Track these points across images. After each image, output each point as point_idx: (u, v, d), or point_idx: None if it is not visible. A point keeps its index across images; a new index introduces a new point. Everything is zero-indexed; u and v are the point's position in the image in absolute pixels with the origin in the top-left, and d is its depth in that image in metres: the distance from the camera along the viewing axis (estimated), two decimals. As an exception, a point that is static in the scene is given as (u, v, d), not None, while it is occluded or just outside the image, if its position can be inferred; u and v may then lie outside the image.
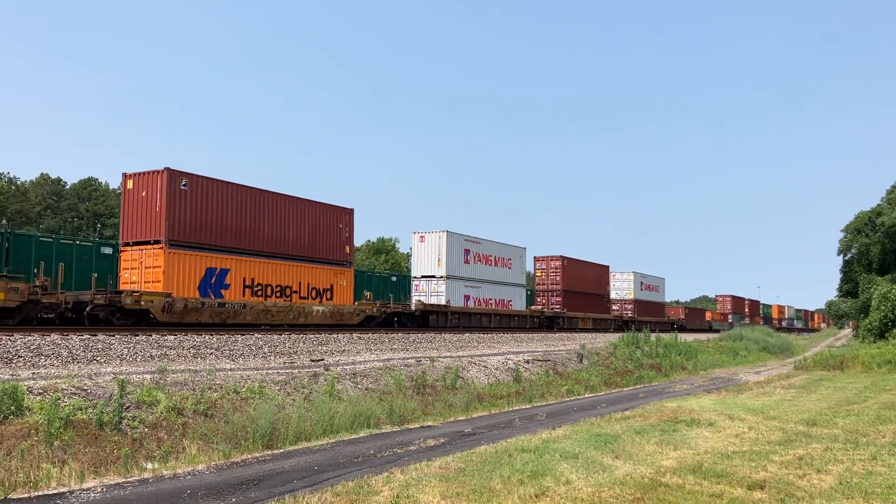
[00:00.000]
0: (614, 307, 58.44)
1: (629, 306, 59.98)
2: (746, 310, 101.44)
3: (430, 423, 14.02)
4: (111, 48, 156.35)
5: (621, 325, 55.68)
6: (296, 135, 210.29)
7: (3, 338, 14.65)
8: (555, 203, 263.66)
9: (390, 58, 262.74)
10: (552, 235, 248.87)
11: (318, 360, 18.18)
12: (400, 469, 9.12)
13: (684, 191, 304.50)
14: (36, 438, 9.41)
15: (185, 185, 21.72)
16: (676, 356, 32.52)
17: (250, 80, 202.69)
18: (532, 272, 50.75)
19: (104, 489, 8.30)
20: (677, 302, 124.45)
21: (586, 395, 20.44)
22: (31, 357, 13.88)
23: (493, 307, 38.96)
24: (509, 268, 41.08)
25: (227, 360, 16.84)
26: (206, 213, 22.49)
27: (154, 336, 17.51)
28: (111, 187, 79.05)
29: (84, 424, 10.09)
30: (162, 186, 21.22)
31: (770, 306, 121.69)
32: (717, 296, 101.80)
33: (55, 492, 8.19)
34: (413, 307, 33.33)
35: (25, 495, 8.04)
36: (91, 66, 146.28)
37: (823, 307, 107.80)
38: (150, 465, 9.62)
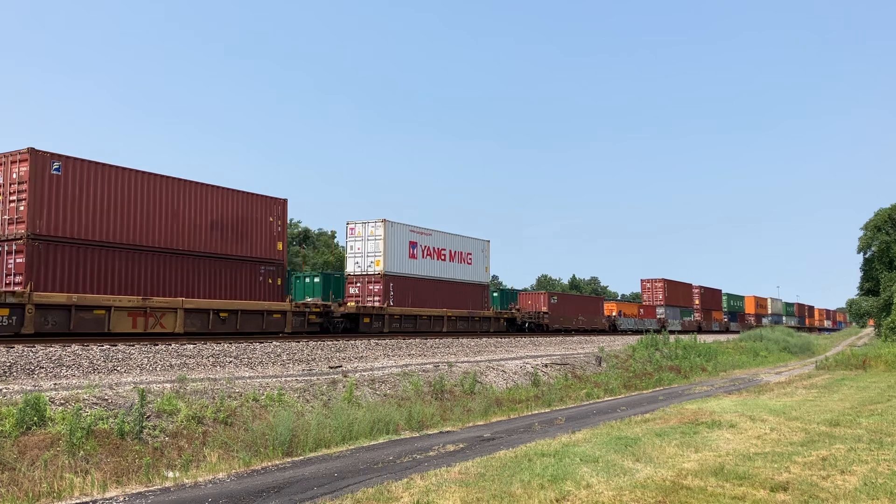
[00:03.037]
0: (352, 289, 31.94)
1: (375, 287, 31.36)
2: (697, 301, 71.24)
3: (449, 429, 14.00)
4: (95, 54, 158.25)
5: (335, 323, 27.95)
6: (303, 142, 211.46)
7: (25, 349, 14.84)
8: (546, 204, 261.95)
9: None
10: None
11: (337, 367, 18.23)
12: (420, 475, 9.11)
13: (695, 193, 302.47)
14: (58, 448, 9.51)
15: None
16: (696, 358, 32.48)
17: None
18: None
19: (126, 498, 8.36)
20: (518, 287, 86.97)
21: (605, 399, 20.31)
22: (53, 368, 14.04)
23: None
24: None
25: (246, 368, 16.94)
26: None
27: (174, 345, 17.66)
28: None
29: (105, 434, 10.19)
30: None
31: (741, 297, 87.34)
32: (642, 280, 66.57)
33: (78, 501, 8.26)
34: None
35: (49, 505, 8.13)
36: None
37: (844, 306, 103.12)
38: (171, 474, 9.68)
